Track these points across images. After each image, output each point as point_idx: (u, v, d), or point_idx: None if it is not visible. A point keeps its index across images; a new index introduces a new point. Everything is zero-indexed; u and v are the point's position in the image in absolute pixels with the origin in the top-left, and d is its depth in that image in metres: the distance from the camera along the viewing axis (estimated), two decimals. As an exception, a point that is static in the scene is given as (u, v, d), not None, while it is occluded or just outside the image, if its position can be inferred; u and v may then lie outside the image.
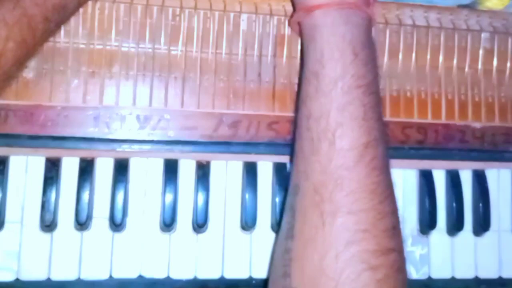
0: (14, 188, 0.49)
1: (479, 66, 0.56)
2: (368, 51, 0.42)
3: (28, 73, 0.49)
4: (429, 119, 0.54)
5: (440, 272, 0.54)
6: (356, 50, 0.41)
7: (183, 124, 0.51)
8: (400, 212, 0.53)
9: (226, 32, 0.52)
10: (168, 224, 0.49)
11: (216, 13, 0.52)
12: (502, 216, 0.56)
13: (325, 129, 0.39)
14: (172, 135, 0.50)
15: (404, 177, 0.55)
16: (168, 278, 0.50)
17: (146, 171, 0.51)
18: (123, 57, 0.51)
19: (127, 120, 0.50)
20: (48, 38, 0.48)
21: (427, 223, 0.54)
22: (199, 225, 0.50)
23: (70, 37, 0.50)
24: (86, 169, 0.49)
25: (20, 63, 0.44)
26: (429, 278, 0.54)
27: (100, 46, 0.50)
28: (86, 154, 0.50)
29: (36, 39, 0.44)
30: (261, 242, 0.51)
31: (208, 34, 0.52)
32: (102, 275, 0.49)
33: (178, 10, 0.52)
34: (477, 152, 0.55)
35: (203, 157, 0.51)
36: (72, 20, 0.50)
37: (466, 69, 0.56)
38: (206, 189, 0.51)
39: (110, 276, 0.49)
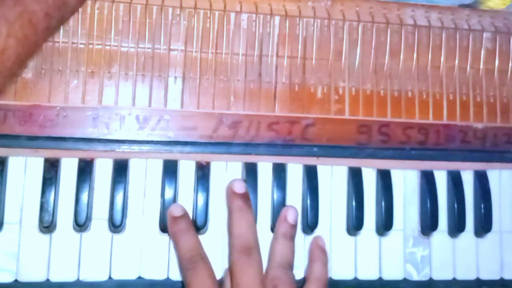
0: (13, 189, 0.49)
1: (481, 66, 0.56)
2: None
3: (27, 73, 0.49)
4: (431, 120, 0.54)
5: (442, 273, 0.54)
6: None
7: (182, 124, 0.50)
8: (401, 213, 0.54)
9: (226, 32, 0.52)
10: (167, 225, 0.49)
11: (216, 13, 0.52)
12: (504, 217, 0.56)
13: None
14: (171, 135, 0.50)
15: (405, 178, 0.54)
16: (167, 279, 0.50)
17: (145, 172, 0.50)
18: (123, 57, 0.50)
19: (127, 120, 0.50)
20: (50, 35, 0.47)
21: (429, 224, 0.53)
22: (199, 227, 0.50)
23: (69, 37, 0.49)
24: (85, 170, 0.49)
25: (22, 60, 0.44)
26: (430, 280, 0.54)
27: (99, 46, 0.50)
28: (85, 154, 0.50)
29: (38, 35, 0.44)
30: (260, 242, 0.51)
31: (208, 34, 0.52)
32: (101, 277, 0.49)
33: (178, 10, 0.51)
34: (479, 152, 0.55)
35: (203, 157, 0.51)
36: (71, 20, 0.49)
37: (468, 69, 0.56)
38: (206, 190, 0.50)
39: (110, 278, 0.49)
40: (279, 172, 0.52)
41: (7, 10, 0.41)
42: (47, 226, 0.48)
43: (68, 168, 0.49)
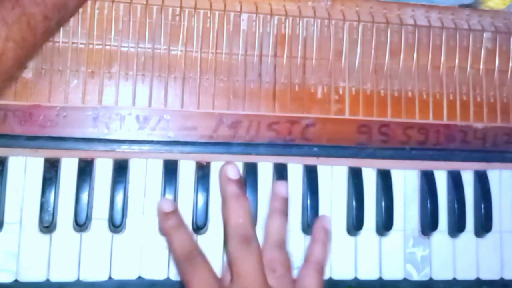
0: (13, 189, 0.48)
1: (481, 66, 0.56)
2: None
3: (27, 73, 0.49)
4: (431, 120, 0.54)
5: (442, 273, 0.54)
6: None
7: (182, 124, 0.50)
8: (402, 213, 0.54)
9: (226, 32, 0.52)
10: (167, 225, 0.49)
11: (216, 13, 0.52)
12: (504, 217, 0.56)
13: None
14: (171, 135, 0.50)
15: (406, 178, 0.54)
16: (167, 279, 0.50)
17: (145, 172, 0.50)
18: (123, 57, 0.50)
19: (127, 120, 0.50)
20: (49, 37, 0.47)
21: (429, 224, 0.53)
22: (199, 227, 0.50)
23: (69, 36, 0.49)
24: (85, 170, 0.49)
25: (21, 63, 0.44)
26: (431, 280, 0.54)
27: (100, 46, 0.50)
28: (85, 154, 0.50)
29: (37, 38, 0.44)
30: (260, 241, 0.51)
31: (208, 34, 0.52)
32: (102, 277, 0.49)
33: (178, 10, 0.51)
34: (479, 152, 0.55)
35: (203, 157, 0.51)
36: (71, 20, 0.49)
37: (468, 69, 0.56)
38: (206, 190, 0.50)
39: (110, 278, 0.49)
40: (280, 172, 0.52)
41: (6, 12, 0.41)
42: (47, 226, 0.48)
43: (68, 168, 0.49)
